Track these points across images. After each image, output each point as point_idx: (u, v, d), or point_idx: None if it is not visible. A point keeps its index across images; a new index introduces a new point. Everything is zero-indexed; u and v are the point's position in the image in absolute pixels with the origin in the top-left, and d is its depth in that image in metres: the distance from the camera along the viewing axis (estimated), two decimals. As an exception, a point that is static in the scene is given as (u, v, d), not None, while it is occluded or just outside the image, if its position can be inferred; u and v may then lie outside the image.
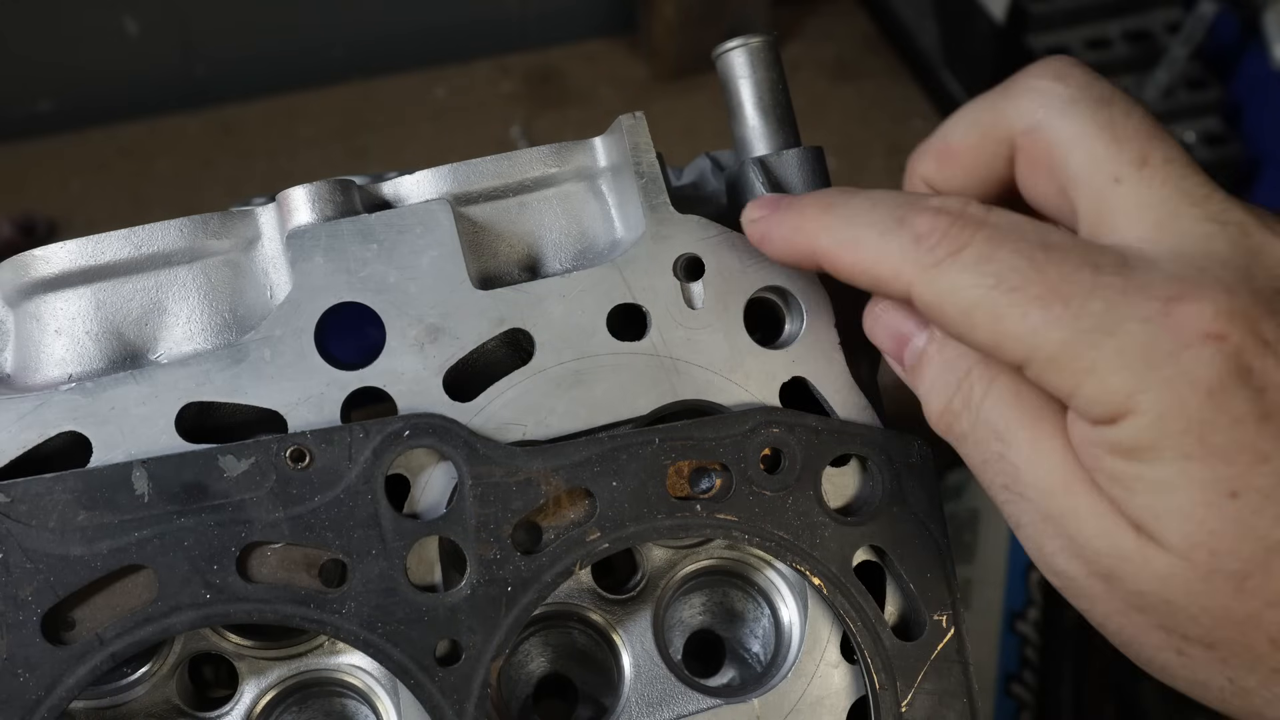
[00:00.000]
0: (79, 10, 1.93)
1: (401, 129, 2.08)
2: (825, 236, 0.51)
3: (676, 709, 0.62)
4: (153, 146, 2.01)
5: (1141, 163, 0.47)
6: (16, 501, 0.52)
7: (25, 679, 0.52)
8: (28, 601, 0.52)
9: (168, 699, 0.61)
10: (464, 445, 0.55)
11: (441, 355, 0.57)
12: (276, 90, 2.07)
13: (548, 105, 2.13)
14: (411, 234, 0.57)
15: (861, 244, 0.50)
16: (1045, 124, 0.49)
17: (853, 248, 0.50)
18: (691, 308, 0.59)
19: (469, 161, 0.61)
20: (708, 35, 1.71)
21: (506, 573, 0.55)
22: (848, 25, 2.32)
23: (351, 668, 0.62)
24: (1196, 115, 1.99)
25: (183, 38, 2.02)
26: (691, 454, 0.58)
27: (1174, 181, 0.47)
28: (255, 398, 0.55)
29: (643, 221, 0.59)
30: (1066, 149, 0.48)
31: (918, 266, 0.47)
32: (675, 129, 1.92)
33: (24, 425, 0.54)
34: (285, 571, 0.54)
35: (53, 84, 2.02)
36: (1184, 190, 0.47)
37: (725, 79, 0.65)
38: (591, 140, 0.62)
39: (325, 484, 0.54)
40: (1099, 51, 2.00)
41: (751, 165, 0.62)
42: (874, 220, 0.49)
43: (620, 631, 0.63)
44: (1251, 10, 1.78)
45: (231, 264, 0.59)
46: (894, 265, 0.48)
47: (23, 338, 0.59)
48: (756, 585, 0.67)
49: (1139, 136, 0.48)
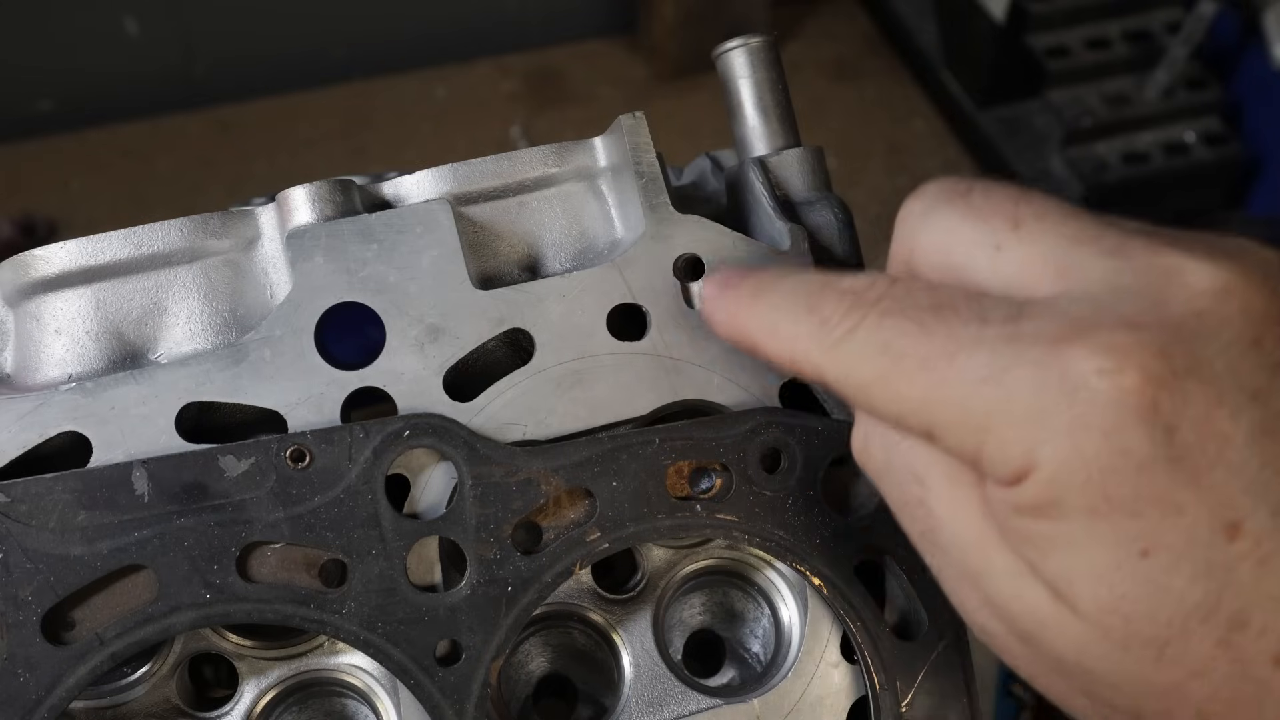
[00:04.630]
0: (79, 11, 1.93)
1: (401, 129, 2.08)
2: (753, 323, 0.51)
3: (676, 709, 0.62)
4: (153, 146, 2.01)
5: (1014, 225, 0.45)
6: (16, 501, 0.52)
7: (25, 679, 0.52)
8: (28, 601, 0.52)
9: (168, 699, 0.61)
10: (464, 445, 0.55)
11: (441, 355, 0.57)
12: (276, 90, 2.08)
13: (548, 105, 2.13)
14: (411, 234, 0.57)
15: (779, 330, 0.49)
16: (919, 242, 0.48)
17: (772, 334, 0.50)
18: (692, 308, 0.59)
19: (469, 161, 0.61)
20: (708, 35, 1.71)
21: (506, 573, 0.55)
22: (848, 25, 2.33)
23: (351, 668, 0.62)
24: (1196, 115, 1.99)
25: (183, 38, 2.02)
26: (691, 454, 0.58)
27: (1056, 229, 0.45)
28: (255, 398, 0.55)
29: (643, 221, 0.59)
30: (944, 250, 0.47)
31: (821, 349, 0.47)
32: (675, 129, 1.92)
33: (24, 425, 0.54)
34: (285, 571, 0.54)
35: (53, 84, 2.02)
36: (1071, 234, 0.44)
37: (725, 79, 0.65)
38: (591, 140, 0.62)
39: (325, 484, 0.54)
40: (1099, 51, 2.00)
41: (751, 165, 0.62)
42: (790, 306, 0.49)
43: (620, 631, 0.63)
44: (1251, 10, 1.78)
45: (231, 264, 0.59)
46: (805, 349, 0.48)
47: (23, 338, 0.59)
48: (756, 585, 0.67)
49: (1004, 206, 0.46)
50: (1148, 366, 0.39)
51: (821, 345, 0.47)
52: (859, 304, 0.46)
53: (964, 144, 2.15)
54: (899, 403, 0.44)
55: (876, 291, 0.46)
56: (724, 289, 0.53)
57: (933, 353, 0.43)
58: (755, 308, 0.51)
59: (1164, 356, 0.40)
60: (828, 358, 0.47)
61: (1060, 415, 0.40)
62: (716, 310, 0.53)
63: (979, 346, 0.42)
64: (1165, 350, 0.40)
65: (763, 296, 0.51)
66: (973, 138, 2.12)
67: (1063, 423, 0.40)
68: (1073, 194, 1.93)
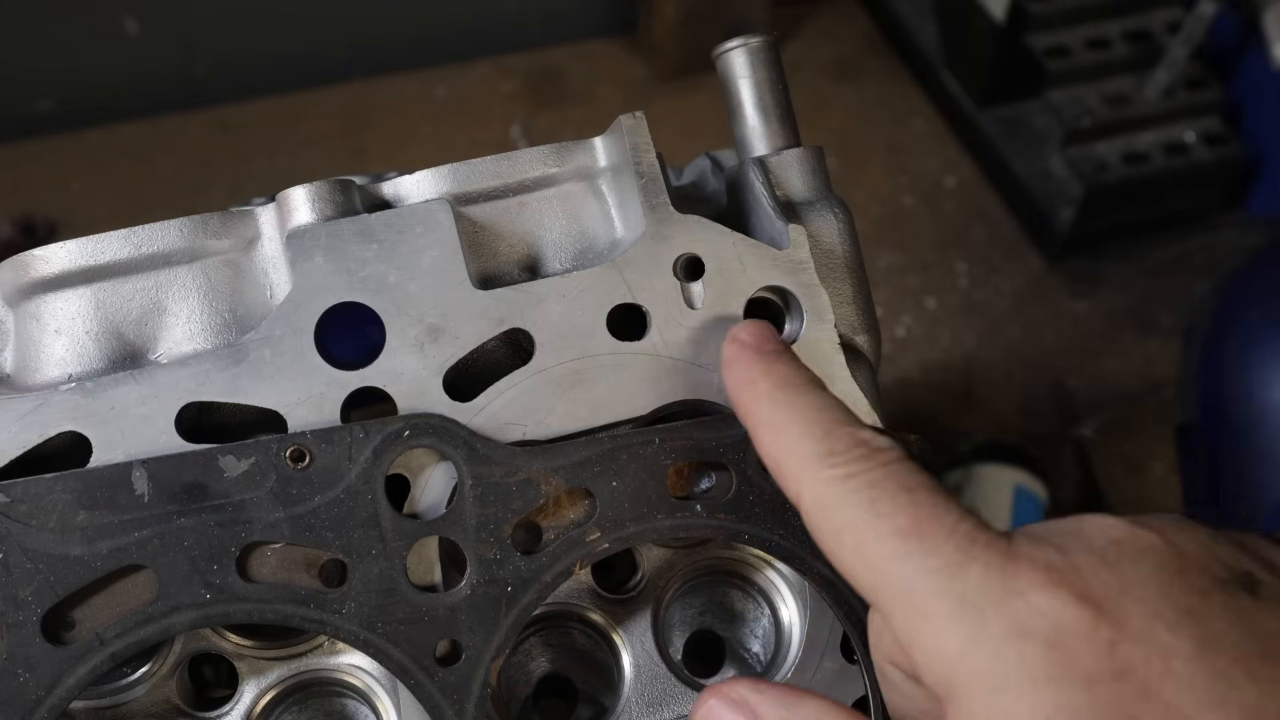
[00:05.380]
0: (79, 11, 1.93)
1: (401, 129, 2.08)
2: (764, 409, 0.52)
3: (676, 709, 0.62)
4: (153, 146, 2.01)
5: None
6: (16, 501, 0.52)
7: (25, 679, 0.52)
8: (28, 601, 0.52)
9: (168, 699, 0.61)
10: (464, 445, 0.55)
11: (441, 355, 0.57)
12: (276, 90, 2.08)
13: (548, 105, 2.13)
14: (411, 234, 0.57)
15: (783, 434, 0.50)
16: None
17: (775, 432, 0.51)
18: (691, 308, 0.59)
19: (469, 161, 0.61)
20: (708, 35, 1.71)
21: (506, 573, 0.55)
22: (848, 25, 2.33)
23: (351, 668, 0.62)
24: (1196, 115, 1.99)
25: (183, 38, 2.02)
26: (691, 454, 0.58)
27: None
28: (255, 398, 0.55)
29: (643, 221, 0.59)
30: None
31: (815, 477, 0.48)
32: (675, 129, 1.92)
33: (24, 425, 0.54)
34: (285, 571, 0.54)
35: (53, 84, 2.02)
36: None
37: (725, 79, 0.65)
38: (591, 140, 0.62)
39: (325, 484, 0.54)
40: (1099, 51, 2.01)
41: (751, 165, 0.62)
42: (807, 421, 0.50)
43: (620, 631, 0.63)
44: (1251, 10, 1.78)
45: (231, 264, 0.59)
46: (799, 466, 0.49)
47: (23, 338, 0.59)
48: (756, 585, 0.67)
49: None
50: (1082, 587, 0.40)
51: (816, 473, 0.48)
52: (869, 454, 0.47)
53: (964, 144, 2.15)
54: (860, 559, 0.45)
55: (889, 454, 0.47)
56: (759, 353, 0.54)
57: (909, 525, 0.44)
58: (774, 398, 0.52)
59: (1095, 576, 0.41)
60: (816, 487, 0.48)
61: (1001, 623, 0.40)
62: (738, 370, 0.54)
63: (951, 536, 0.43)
64: (1095, 570, 0.41)
65: (785, 395, 0.52)
66: (973, 138, 2.12)
67: (1003, 629, 0.40)
68: (1073, 194, 1.93)
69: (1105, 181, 1.92)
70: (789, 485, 0.49)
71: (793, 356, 0.55)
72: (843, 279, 0.62)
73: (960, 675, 0.41)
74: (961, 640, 0.41)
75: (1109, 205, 1.94)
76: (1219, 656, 0.39)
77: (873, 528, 0.45)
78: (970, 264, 2.01)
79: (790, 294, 0.61)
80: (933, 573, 0.42)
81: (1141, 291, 1.98)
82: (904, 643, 0.43)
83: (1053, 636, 0.39)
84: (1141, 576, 0.41)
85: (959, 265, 2.00)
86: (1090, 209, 1.92)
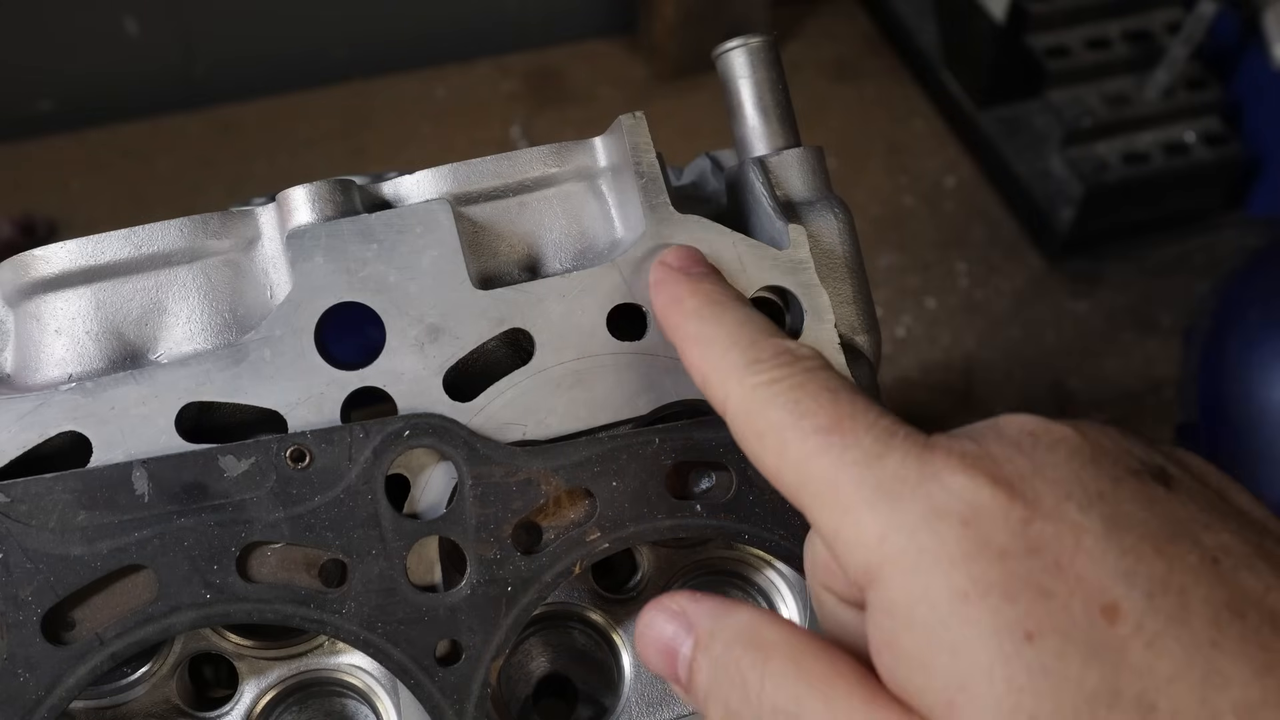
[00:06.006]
0: (79, 11, 1.93)
1: (401, 129, 2.08)
2: (691, 326, 0.53)
3: (677, 709, 0.62)
4: (153, 146, 2.01)
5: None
6: (16, 501, 0.52)
7: (25, 679, 0.52)
8: (28, 601, 0.52)
9: (168, 699, 0.61)
10: (464, 445, 0.55)
11: (441, 355, 0.57)
12: (276, 90, 2.07)
13: (548, 105, 2.13)
14: (411, 234, 0.57)
15: (711, 348, 0.51)
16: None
17: (702, 348, 0.52)
18: (691, 308, 0.59)
19: (469, 161, 0.61)
20: (708, 35, 1.71)
21: (506, 573, 0.55)
22: (848, 25, 2.33)
23: (351, 668, 0.62)
24: (1196, 115, 1.99)
25: (183, 38, 2.02)
26: (691, 454, 0.58)
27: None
28: (255, 398, 0.55)
29: (643, 221, 0.59)
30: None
31: (740, 383, 0.49)
32: (675, 129, 1.92)
33: (24, 425, 0.54)
34: (285, 571, 0.54)
35: (53, 84, 2.02)
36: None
37: (725, 79, 0.65)
38: (591, 140, 0.62)
39: (325, 484, 0.54)
40: (1099, 51, 2.00)
41: (751, 165, 0.62)
42: (732, 334, 0.51)
43: (620, 631, 0.63)
44: (1251, 10, 1.78)
45: (231, 264, 0.59)
46: (724, 375, 0.50)
47: (23, 338, 0.59)
48: (756, 585, 0.67)
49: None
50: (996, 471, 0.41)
51: (742, 380, 0.49)
52: (793, 361, 0.48)
53: (964, 144, 2.15)
54: (783, 459, 0.46)
55: (812, 361, 0.49)
56: (685, 278, 0.55)
57: (830, 423, 0.45)
58: (701, 314, 0.53)
59: (1010, 461, 0.42)
60: (740, 391, 0.48)
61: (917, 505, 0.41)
62: (665, 289, 0.55)
63: (870, 430, 0.44)
64: (1010, 456, 0.42)
65: (712, 311, 0.53)
66: (973, 138, 2.12)
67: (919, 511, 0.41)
68: (1073, 194, 1.93)
69: (1105, 181, 1.91)
70: (715, 395, 0.50)
71: (718, 276, 0.56)
72: (843, 279, 0.62)
73: (879, 560, 0.42)
74: (880, 526, 0.42)
75: (1109, 205, 1.94)
76: (1128, 534, 0.40)
77: (796, 427, 0.46)
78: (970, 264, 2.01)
79: (790, 294, 0.61)
80: (853, 464, 0.43)
81: (1141, 291, 1.98)
82: (828, 541, 0.44)
83: (968, 515, 0.40)
84: (1055, 462, 0.42)
85: (959, 265, 2.00)
86: (1090, 209, 1.92)
